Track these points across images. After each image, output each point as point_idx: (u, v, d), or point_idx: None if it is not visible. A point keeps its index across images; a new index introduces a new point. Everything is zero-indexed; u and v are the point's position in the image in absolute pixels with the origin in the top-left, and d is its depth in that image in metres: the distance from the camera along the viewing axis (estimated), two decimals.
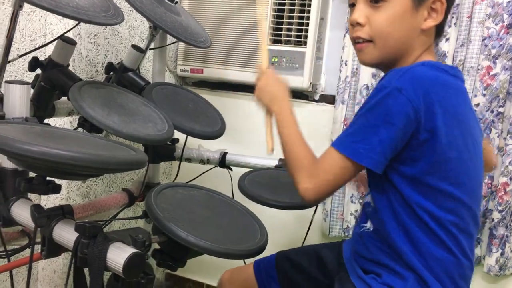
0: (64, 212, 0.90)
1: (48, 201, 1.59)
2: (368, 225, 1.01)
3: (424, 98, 0.86)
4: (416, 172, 0.89)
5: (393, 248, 0.93)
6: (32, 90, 1.25)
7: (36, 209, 0.89)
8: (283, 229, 1.91)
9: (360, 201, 1.72)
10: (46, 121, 1.32)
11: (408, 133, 0.86)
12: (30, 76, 1.33)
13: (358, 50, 0.99)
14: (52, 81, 1.23)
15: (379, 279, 0.96)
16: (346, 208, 1.75)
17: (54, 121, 1.52)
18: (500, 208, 1.48)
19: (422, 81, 0.88)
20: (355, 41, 0.98)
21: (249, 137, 1.94)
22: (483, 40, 1.48)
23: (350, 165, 0.89)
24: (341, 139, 0.92)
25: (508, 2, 1.46)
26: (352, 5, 0.98)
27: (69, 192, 1.59)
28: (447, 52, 1.54)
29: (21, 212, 0.98)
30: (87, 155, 0.74)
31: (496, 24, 1.48)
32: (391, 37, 0.94)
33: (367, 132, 0.87)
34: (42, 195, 1.55)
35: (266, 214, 1.43)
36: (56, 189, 0.89)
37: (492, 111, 1.50)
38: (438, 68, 0.95)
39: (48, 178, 0.91)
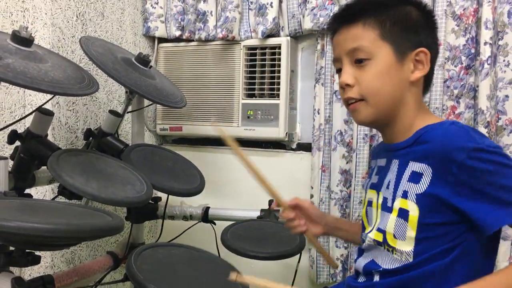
0: (44, 283, 0.91)
1: (33, 270, 1.58)
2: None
3: None
4: None
5: None
6: (11, 162, 1.29)
7: (17, 282, 0.90)
8: (271, 279, 1.90)
9: (345, 245, 1.73)
10: (27, 190, 1.34)
11: None
12: (10, 148, 1.36)
13: (352, 111, 0.98)
14: (31, 152, 1.26)
15: None
16: (332, 253, 1.76)
17: (36, 190, 1.54)
18: None
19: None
20: (348, 102, 0.97)
21: (230, 189, 1.97)
22: (444, 81, 1.56)
23: None
24: None
25: (464, 45, 1.54)
26: (339, 70, 0.99)
27: (53, 259, 1.59)
28: None
29: (2, 286, 0.98)
30: (62, 226, 0.76)
31: (455, 66, 1.56)
32: (381, 93, 0.93)
33: None
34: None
35: (252, 266, 1.44)
36: (36, 260, 0.91)
37: None
38: None
39: (28, 250, 0.93)
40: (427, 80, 0.99)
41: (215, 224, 1.62)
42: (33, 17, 1.57)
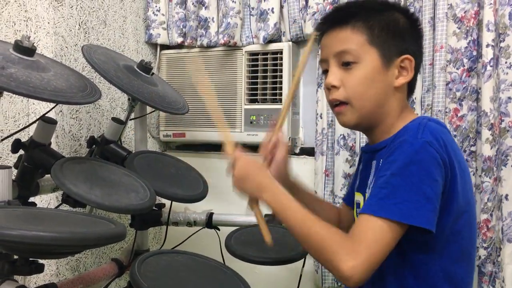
0: None
1: (38, 278, 1.58)
2: None
3: (446, 152, 0.86)
4: (440, 229, 0.87)
5: None
6: (15, 171, 1.29)
7: None
8: (276, 284, 1.90)
9: None
10: (31, 199, 1.35)
11: (443, 187, 0.86)
12: (14, 157, 1.37)
13: (337, 113, 1.00)
14: (35, 160, 1.27)
15: None
16: None
17: (40, 198, 1.55)
18: (485, 245, 1.50)
19: (440, 135, 0.88)
20: (333, 104, 0.99)
21: (234, 194, 1.96)
22: (447, 84, 1.56)
23: (397, 229, 0.83)
24: (378, 204, 0.85)
25: (466, 47, 1.54)
26: (325, 71, 1.00)
27: (58, 267, 1.59)
28: (415, 98, 1.61)
29: None
30: (65, 234, 0.76)
31: (457, 69, 1.55)
32: (366, 97, 0.95)
33: (410, 191, 0.83)
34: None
35: (257, 271, 1.43)
36: (39, 269, 0.91)
37: (465, 151, 1.55)
38: (441, 124, 0.97)
39: (31, 258, 0.93)
40: (411, 86, 1.01)
41: (219, 229, 1.62)
42: (35, 26, 1.59)
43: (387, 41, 0.95)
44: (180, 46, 2.03)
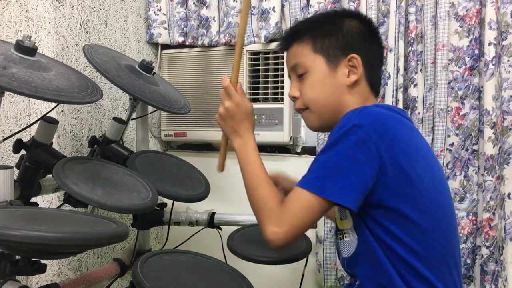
0: None
1: (40, 278, 1.58)
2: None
3: (383, 135, 0.90)
4: (393, 209, 0.91)
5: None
6: (17, 171, 1.29)
7: None
8: (278, 284, 1.90)
9: None
10: (33, 199, 1.35)
11: (375, 168, 0.88)
12: (16, 157, 1.37)
13: (303, 118, 1.10)
14: (37, 160, 1.27)
15: None
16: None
17: (42, 198, 1.55)
18: (487, 243, 1.50)
19: (379, 118, 0.93)
20: (298, 111, 1.10)
21: (235, 194, 1.97)
22: (449, 83, 1.56)
23: (318, 202, 0.89)
24: (306, 178, 0.93)
25: (468, 46, 1.54)
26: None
27: (60, 267, 1.59)
28: (417, 97, 1.60)
29: None
30: (68, 234, 0.76)
31: (459, 67, 1.55)
32: (319, 100, 1.04)
33: (330, 168, 0.89)
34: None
35: (258, 271, 1.43)
36: (41, 269, 0.91)
37: (467, 150, 1.55)
38: (391, 109, 1.02)
39: (34, 258, 0.93)
40: (371, 81, 1.05)
41: (221, 229, 1.62)
42: (37, 26, 1.58)
43: (330, 45, 1.03)
44: (181, 45, 2.03)
